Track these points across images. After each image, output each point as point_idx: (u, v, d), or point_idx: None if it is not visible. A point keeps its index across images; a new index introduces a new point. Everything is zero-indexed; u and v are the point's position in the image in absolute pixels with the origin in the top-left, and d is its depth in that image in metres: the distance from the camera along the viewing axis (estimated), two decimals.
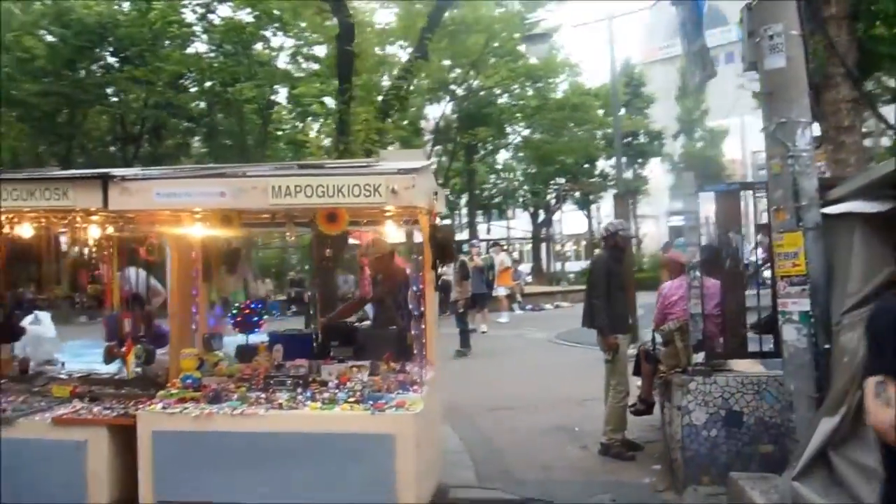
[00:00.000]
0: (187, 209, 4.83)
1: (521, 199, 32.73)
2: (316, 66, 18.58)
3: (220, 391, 5.02)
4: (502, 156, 30.67)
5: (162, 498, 4.73)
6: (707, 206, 5.83)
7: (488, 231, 37.27)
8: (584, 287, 7.68)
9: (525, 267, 30.79)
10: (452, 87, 23.21)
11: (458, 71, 21.93)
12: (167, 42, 20.25)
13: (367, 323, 7.47)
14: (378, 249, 6.00)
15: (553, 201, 32.41)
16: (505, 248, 22.84)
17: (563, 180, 29.06)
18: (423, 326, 5.31)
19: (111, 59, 22.50)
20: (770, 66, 4.97)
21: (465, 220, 31.10)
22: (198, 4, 21.85)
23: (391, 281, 6.01)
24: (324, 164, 5.31)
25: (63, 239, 5.69)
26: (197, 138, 27.36)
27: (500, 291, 18.66)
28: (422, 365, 5.20)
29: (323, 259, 6.30)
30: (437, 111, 25.33)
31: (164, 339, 5.82)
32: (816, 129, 7.53)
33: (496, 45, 19.81)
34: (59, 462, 4.81)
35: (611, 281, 6.73)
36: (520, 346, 14.09)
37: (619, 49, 26.94)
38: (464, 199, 30.69)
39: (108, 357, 5.51)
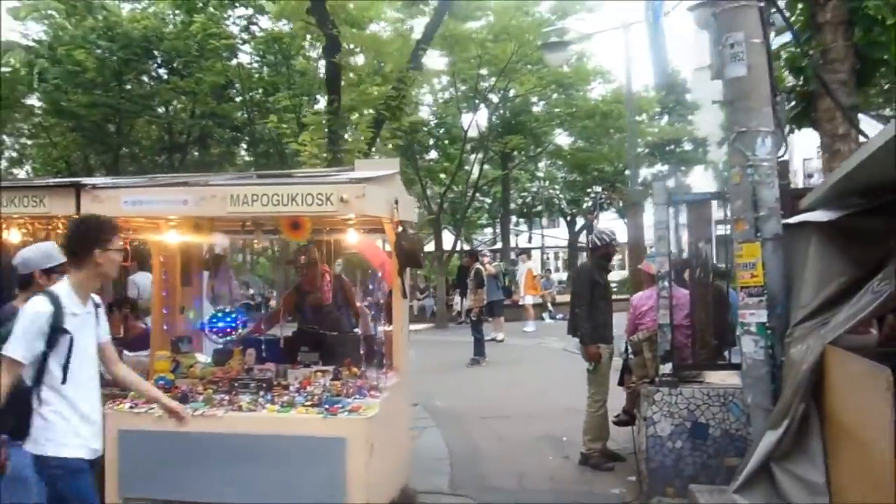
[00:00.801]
0: (157, 216, 5.03)
1: (559, 207, 32.60)
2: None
3: (189, 392, 5.20)
4: (544, 163, 30.65)
5: (125, 494, 4.93)
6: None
7: (529, 240, 37.14)
8: (621, 297, 7.69)
9: (560, 275, 30.59)
10: (490, 95, 23.34)
11: (493, 80, 22.04)
12: (209, 53, 20.77)
13: None
14: (309, 258, 6.17)
15: (592, 209, 32.14)
16: (528, 257, 22.76)
17: (599, 188, 28.81)
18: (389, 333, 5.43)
19: (159, 71, 23.29)
20: (731, 74, 4.94)
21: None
22: (239, 17, 22.56)
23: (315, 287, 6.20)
24: (287, 174, 5.46)
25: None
26: (242, 146, 28.03)
27: (527, 300, 18.63)
28: (383, 371, 5.29)
29: (289, 263, 6.41)
30: (474, 119, 25.57)
31: (144, 341, 6.05)
32: (817, 138, 7.50)
33: (529, 52, 19.85)
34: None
35: (595, 290, 6.72)
36: (536, 355, 14.03)
37: (669, 54, 26.52)
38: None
39: None
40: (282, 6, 15.79)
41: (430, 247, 21.08)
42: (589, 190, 29.39)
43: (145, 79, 22.91)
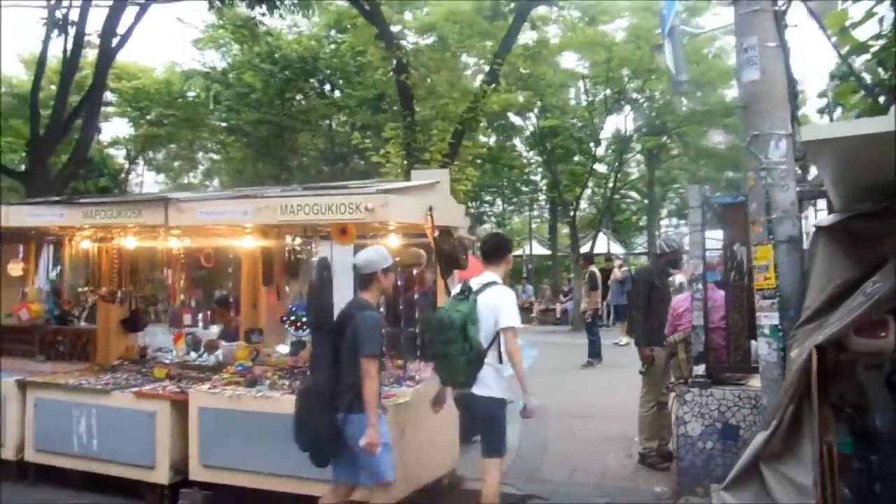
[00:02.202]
0: (224, 224, 5.86)
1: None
2: None
3: (259, 377, 6.01)
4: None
5: (204, 462, 5.80)
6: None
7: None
8: None
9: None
10: (635, 95, 23.11)
11: (637, 81, 21.82)
12: (360, 69, 22.20)
13: None
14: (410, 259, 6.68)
15: None
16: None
17: None
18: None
19: (318, 87, 25.22)
20: (745, 78, 4.98)
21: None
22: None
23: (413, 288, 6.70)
24: (329, 186, 6.12)
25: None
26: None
27: None
28: (419, 365, 5.81)
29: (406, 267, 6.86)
30: (618, 121, 25.38)
31: (236, 333, 6.97)
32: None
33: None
34: (135, 426, 6.05)
35: (653, 294, 6.83)
36: None
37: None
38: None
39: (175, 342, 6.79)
40: (354, 35, 16.91)
41: (584, 248, 21.16)
42: None
43: (303, 96, 24.90)
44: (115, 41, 11.15)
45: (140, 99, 23.97)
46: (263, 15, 11.54)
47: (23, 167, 14.41)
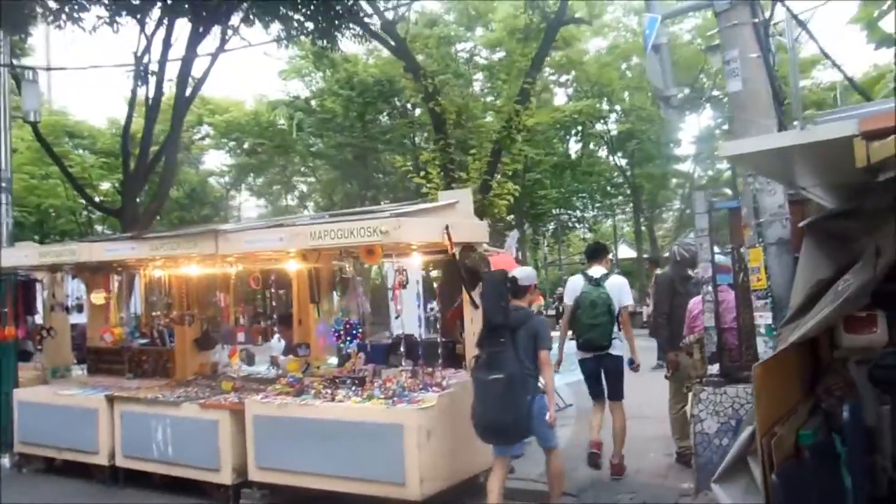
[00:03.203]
0: (268, 250, 6.53)
1: None
2: None
3: (305, 387, 6.63)
4: None
5: (259, 464, 6.45)
6: None
7: None
8: None
9: None
10: (716, 93, 22.79)
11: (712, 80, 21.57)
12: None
13: None
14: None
15: None
16: None
17: None
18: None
19: (399, 107, 26.13)
20: (730, 89, 5.21)
21: None
22: (461, 51, 24.60)
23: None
24: (351, 213, 6.67)
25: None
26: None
27: None
28: (449, 372, 6.27)
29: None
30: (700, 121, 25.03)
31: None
32: None
33: None
34: (202, 433, 6.78)
35: (674, 300, 7.04)
36: None
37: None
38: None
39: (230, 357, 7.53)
40: (380, 66, 17.68)
41: None
42: None
43: (387, 117, 25.82)
44: (188, 90, 12.27)
45: (232, 131, 25.58)
46: (326, 49, 12.32)
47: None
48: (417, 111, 25.50)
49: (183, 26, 12.10)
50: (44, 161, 25.21)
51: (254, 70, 44.58)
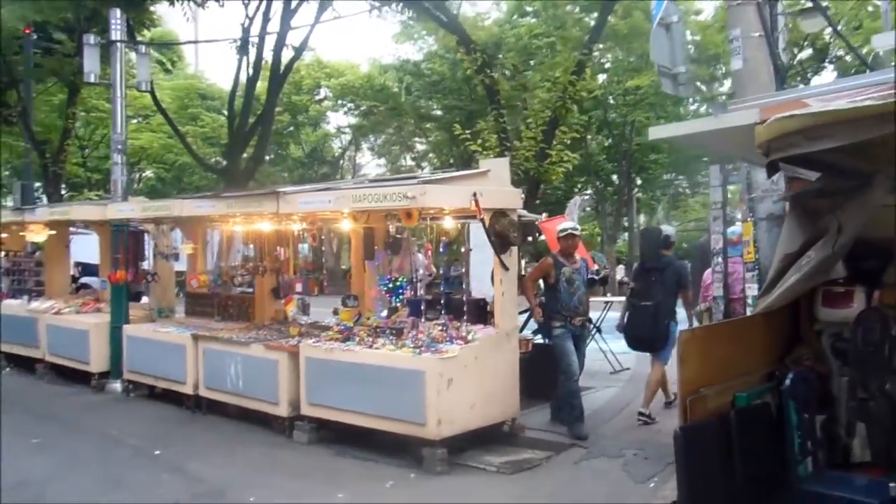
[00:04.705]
0: (320, 210, 7.28)
1: None
2: None
3: (352, 335, 7.40)
4: None
5: (310, 401, 7.31)
6: None
7: None
8: None
9: None
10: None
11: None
12: (537, 52, 23.01)
13: None
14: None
15: None
16: None
17: None
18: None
19: (507, 71, 26.40)
20: (733, 67, 5.39)
21: None
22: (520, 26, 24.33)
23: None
24: (386, 179, 7.27)
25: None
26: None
27: None
28: (477, 327, 6.85)
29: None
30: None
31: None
32: None
33: None
34: (265, 371, 7.71)
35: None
36: None
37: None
38: None
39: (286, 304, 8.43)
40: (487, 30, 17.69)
41: None
42: None
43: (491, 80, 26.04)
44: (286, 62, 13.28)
45: (346, 93, 26.78)
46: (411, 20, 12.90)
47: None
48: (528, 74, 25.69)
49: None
50: (181, 122, 27.56)
51: (371, 33, 45.79)
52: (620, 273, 27.97)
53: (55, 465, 6.76)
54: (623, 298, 8.90)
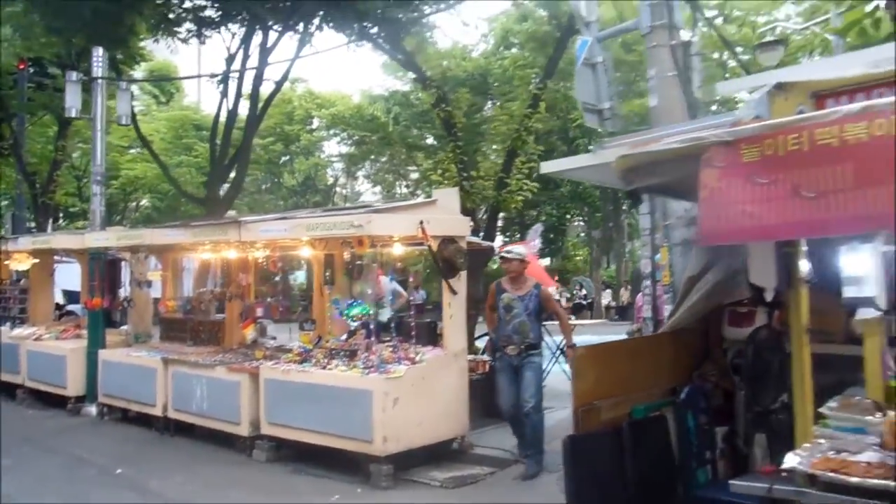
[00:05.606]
0: (279, 238, 7.65)
1: None
2: None
3: (310, 357, 7.72)
4: None
5: (269, 420, 7.61)
6: None
7: None
8: None
9: None
10: None
11: None
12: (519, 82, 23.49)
13: None
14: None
15: None
16: None
17: None
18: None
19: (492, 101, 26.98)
20: (650, 104, 5.78)
21: None
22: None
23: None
24: (337, 209, 7.66)
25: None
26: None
27: None
28: (432, 348, 7.19)
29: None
30: None
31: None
32: None
33: None
34: (228, 392, 8.02)
35: None
36: None
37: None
38: None
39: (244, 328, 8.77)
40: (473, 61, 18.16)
41: None
42: None
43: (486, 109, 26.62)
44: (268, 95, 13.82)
45: (338, 123, 27.33)
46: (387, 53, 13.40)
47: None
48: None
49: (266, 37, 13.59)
50: (176, 151, 28.10)
51: (362, 64, 46.70)
52: (607, 298, 28.31)
53: (21, 485, 7.05)
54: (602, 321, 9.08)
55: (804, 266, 3.34)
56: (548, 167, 4.40)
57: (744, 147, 2.62)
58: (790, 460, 3.04)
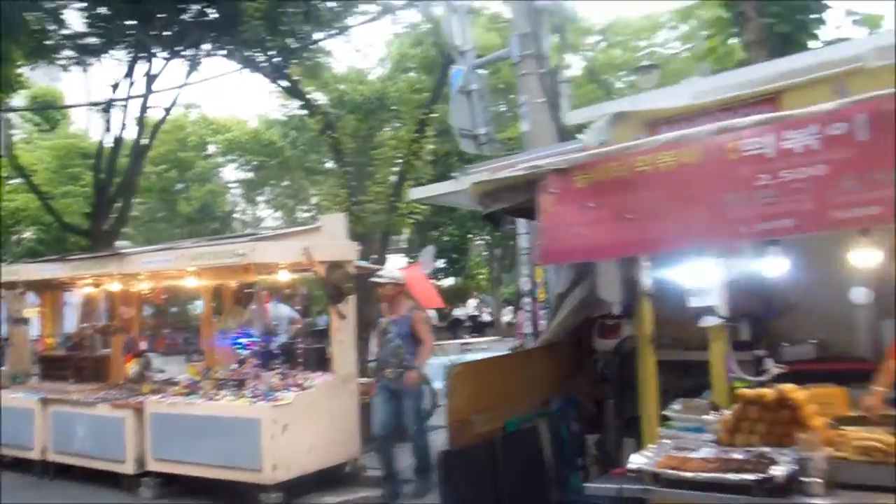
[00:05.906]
0: (161, 269, 7.52)
1: None
2: None
3: (198, 389, 7.59)
4: None
5: (155, 455, 7.42)
6: None
7: None
8: None
9: None
10: None
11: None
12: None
13: None
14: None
15: None
16: None
17: None
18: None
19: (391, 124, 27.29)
20: (522, 129, 6.05)
21: None
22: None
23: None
24: (220, 238, 7.64)
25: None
26: None
27: None
28: (321, 374, 7.20)
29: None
30: None
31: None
32: None
33: None
34: (112, 429, 7.76)
35: None
36: None
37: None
38: None
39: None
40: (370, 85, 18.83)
41: None
42: None
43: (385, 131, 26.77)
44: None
45: (234, 149, 26.92)
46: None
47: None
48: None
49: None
50: (61, 181, 26.90)
51: (258, 88, 46.18)
52: (508, 315, 28.80)
53: None
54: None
55: (647, 280, 3.60)
56: (416, 193, 4.57)
57: (576, 174, 2.84)
58: (637, 461, 3.25)
